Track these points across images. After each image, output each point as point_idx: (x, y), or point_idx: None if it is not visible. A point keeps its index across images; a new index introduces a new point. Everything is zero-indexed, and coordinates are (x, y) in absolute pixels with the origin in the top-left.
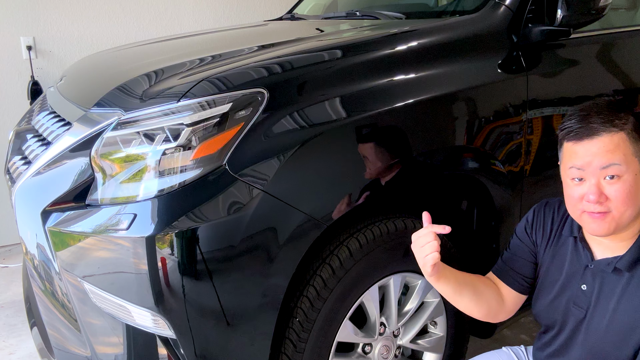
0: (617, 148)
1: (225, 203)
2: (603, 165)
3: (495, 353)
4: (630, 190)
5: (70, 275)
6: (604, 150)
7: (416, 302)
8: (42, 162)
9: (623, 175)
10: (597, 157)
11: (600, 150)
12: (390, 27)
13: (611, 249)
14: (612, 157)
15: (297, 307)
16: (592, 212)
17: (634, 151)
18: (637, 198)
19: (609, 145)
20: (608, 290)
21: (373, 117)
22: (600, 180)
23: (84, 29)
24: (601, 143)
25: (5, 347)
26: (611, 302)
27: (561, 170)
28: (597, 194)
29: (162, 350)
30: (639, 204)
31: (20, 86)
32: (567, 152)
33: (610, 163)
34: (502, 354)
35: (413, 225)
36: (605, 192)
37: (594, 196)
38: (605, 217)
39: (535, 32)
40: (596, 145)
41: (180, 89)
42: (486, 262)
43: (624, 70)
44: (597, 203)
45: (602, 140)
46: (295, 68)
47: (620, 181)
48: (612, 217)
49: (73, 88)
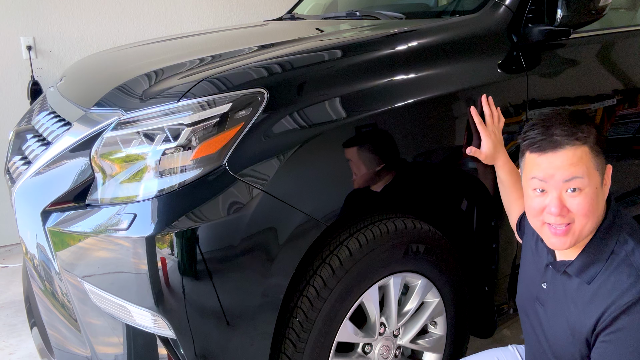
0: (580, 161)
1: (225, 203)
2: (566, 179)
3: (500, 350)
4: (592, 203)
5: (70, 275)
6: (567, 163)
7: (416, 302)
8: (42, 162)
9: (585, 189)
10: (560, 170)
11: (564, 164)
12: (390, 27)
13: (566, 253)
14: (575, 170)
15: (297, 307)
16: (554, 226)
17: (596, 164)
18: (597, 211)
19: (572, 159)
20: (561, 291)
21: (373, 117)
22: (563, 193)
23: (84, 29)
24: (564, 156)
25: (5, 347)
26: (562, 303)
27: (522, 179)
28: (559, 207)
29: (162, 350)
30: (598, 217)
31: (20, 86)
32: (529, 162)
33: (573, 176)
34: (507, 352)
35: (413, 225)
36: (567, 204)
37: (555, 209)
38: (566, 232)
39: (535, 32)
40: (560, 159)
41: (180, 89)
42: (486, 262)
43: (624, 70)
44: (559, 216)
45: (565, 154)
46: (295, 68)
47: (582, 194)
48: (573, 231)
49: (73, 88)
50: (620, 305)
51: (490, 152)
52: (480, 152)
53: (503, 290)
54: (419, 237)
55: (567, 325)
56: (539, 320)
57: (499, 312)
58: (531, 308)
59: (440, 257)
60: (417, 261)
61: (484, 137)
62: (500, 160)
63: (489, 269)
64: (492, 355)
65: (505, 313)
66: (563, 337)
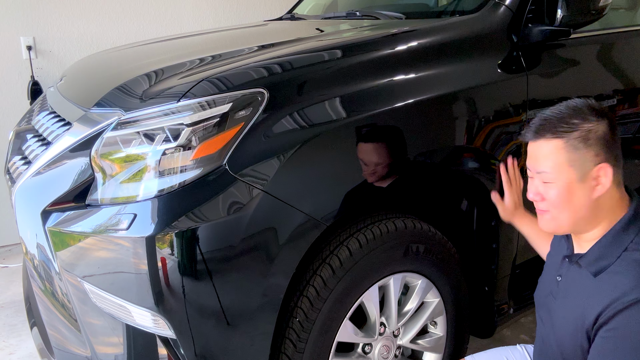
0: (549, 155)
1: (225, 203)
2: (537, 170)
3: (509, 349)
4: (563, 197)
5: (70, 275)
6: (538, 154)
7: (416, 302)
8: (42, 162)
9: (554, 182)
10: (533, 160)
11: (536, 154)
12: (390, 27)
13: (582, 246)
14: (543, 163)
15: (297, 307)
16: (538, 210)
17: (570, 160)
18: (575, 204)
19: (542, 151)
20: (572, 285)
21: (373, 117)
22: (539, 181)
23: (84, 29)
24: (537, 147)
25: (5, 347)
26: (572, 294)
27: None
28: (534, 192)
29: (162, 350)
30: (581, 210)
31: (20, 86)
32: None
33: (540, 169)
34: (516, 352)
35: (413, 225)
36: (541, 192)
37: (532, 194)
38: (544, 215)
39: (535, 32)
40: (534, 149)
41: (180, 89)
42: (486, 262)
43: (624, 70)
44: (535, 200)
45: (539, 145)
46: (295, 68)
47: (552, 187)
48: (551, 217)
49: (73, 88)
50: (623, 302)
51: (510, 209)
52: (502, 203)
53: (503, 290)
54: (419, 237)
55: (574, 316)
56: (550, 313)
57: (499, 312)
58: (545, 301)
59: (440, 257)
60: (417, 261)
61: (507, 195)
62: (518, 219)
63: (489, 269)
64: (501, 355)
65: (505, 313)
66: (569, 328)
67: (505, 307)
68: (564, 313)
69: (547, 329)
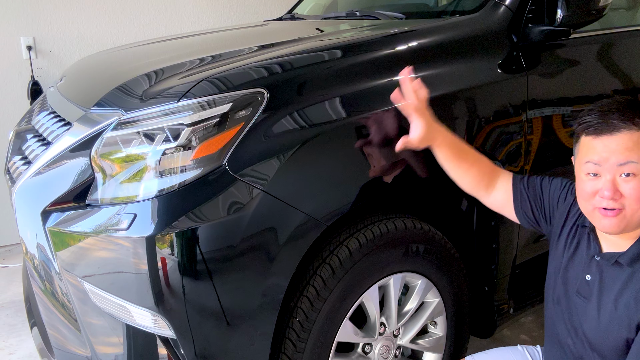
0: (635, 146)
1: (225, 203)
2: (620, 162)
3: (509, 350)
4: None
5: (70, 275)
6: (622, 147)
7: (416, 302)
8: (42, 162)
9: (639, 174)
10: (615, 153)
11: (619, 147)
12: (390, 27)
13: (617, 244)
14: (630, 154)
15: (297, 307)
16: (605, 209)
17: None
18: None
19: (628, 143)
20: (609, 283)
21: (373, 117)
22: (616, 177)
23: (84, 29)
24: (620, 140)
25: (5, 347)
26: (611, 295)
27: (576, 164)
28: (612, 190)
29: (162, 350)
30: None
31: (20, 86)
32: (585, 146)
33: (627, 160)
34: (517, 352)
35: (413, 225)
36: (620, 189)
37: (608, 192)
38: (617, 215)
39: (535, 32)
40: (615, 142)
41: (180, 89)
42: (486, 262)
43: (624, 70)
44: (612, 199)
45: (621, 137)
46: (295, 68)
47: (636, 179)
48: (624, 215)
49: (73, 88)
50: None
51: (423, 132)
52: (411, 141)
53: (503, 290)
54: (419, 237)
55: (619, 313)
56: (579, 313)
57: (499, 312)
58: (569, 301)
59: (440, 257)
60: (417, 261)
61: (413, 119)
62: (439, 137)
63: (489, 269)
64: (501, 355)
65: (505, 313)
66: (611, 326)
67: (505, 307)
68: (605, 312)
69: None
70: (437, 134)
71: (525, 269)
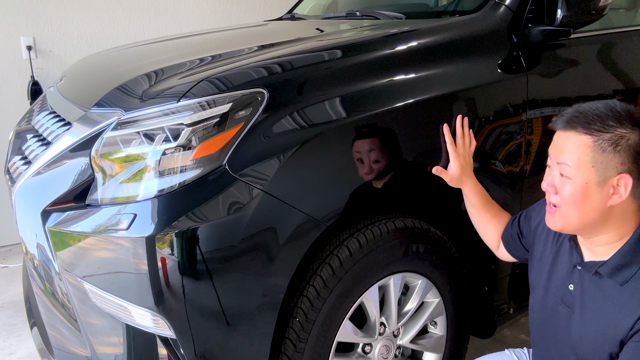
0: (574, 149)
1: (225, 203)
2: (558, 160)
3: (498, 355)
4: (577, 195)
5: (70, 275)
6: (563, 146)
7: (416, 302)
8: (42, 162)
9: (572, 178)
10: (557, 149)
11: (562, 145)
12: (390, 27)
13: (597, 252)
14: (566, 156)
15: (297, 307)
16: (549, 203)
17: (594, 160)
18: (586, 206)
19: (569, 143)
20: (590, 293)
21: (373, 117)
22: (557, 173)
23: (84, 29)
24: (565, 138)
25: (5, 347)
26: (591, 305)
27: None
28: (549, 183)
29: (162, 350)
30: (591, 214)
31: (20, 86)
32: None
33: (562, 161)
34: (505, 357)
35: (413, 225)
36: (556, 184)
37: (545, 184)
38: (554, 211)
39: (535, 32)
40: (561, 139)
41: (180, 89)
42: (486, 262)
43: (624, 70)
44: (547, 191)
45: (567, 136)
46: (295, 68)
47: (569, 182)
48: (560, 214)
49: (73, 88)
50: None
51: (457, 174)
52: (446, 173)
53: (503, 290)
54: (419, 237)
55: (600, 326)
56: (564, 323)
57: (499, 312)
58: (553, 311)
59: (440, 257)
60: (417, 261)
61: (452, 159)
62: (468, 185)
63: (489, 269)
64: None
65: (505, 313)
66: (594, 338)
67: (505, 307)
68: (588, 323)
69: (561, 340)
70: (468, 180)
71: (525, 269)
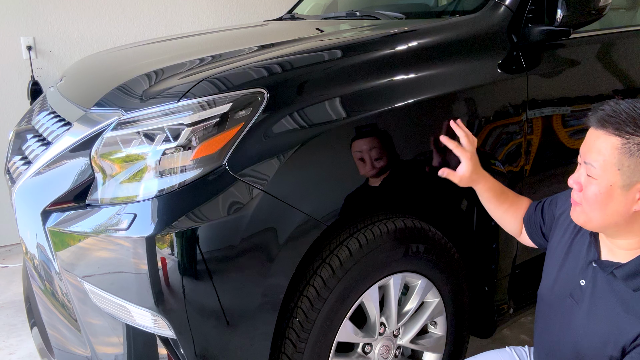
0: (602, 150)
1: (225, 203)
2: (586, 160)
3: (498, 352)
4: (599, 196)
5: (70, 275)
6: (593, 146)
7: (416, 302)
8: (42, 162)
9: (597, 179)
10: (587, 148)
11: (592, 145)
12: (390, 27)
13: (616, 254)
14: (594, 156)
15: (297, 307)
16: (573, 198)
17: (621, 163)
18: (609, 209)
19: (598, 144)
20: (601, 292)
21: (373, 117)
22: (584, 171)
23: (84, 29)
24: (596, 138)
25: (5, 347)
26: (601, 305)
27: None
28: (575, 180)
29: (162, 350)
30: (613, 217)
31: (20, 86)
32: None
33: (589, 161)
34: (505, 354)
35: (413, 225)
36: (582, 182)
37: (572, 180)
38: (576, 206)
39: (535, 32)
40: (592, 138)
41: (180, 89)
42: (486, 262)
43: (624, 70)
44: (572, 188)
45: (598, 136)
46: (295, 68)
47: (594, 183)
48: (582, 210)
49: (73, 88)
50: None
51: (467, 174)
52: (455, 175)
53: (503, 290)
54: (419, 237)
55: (606, 327)
56: (570, 317)
57: (499, 312)
58: (562, 303)
59: (440, 257)
60: (417, 261)
61: (464, 160)
62: (481, 182)
63: (489, 269)
64: (490, 358)
65: (505, 313)
66: (597, 338)
67: (505, 307)
68: (594, 321)
69: (564, 332)
70: (479, 178)
71: (525, 269)
